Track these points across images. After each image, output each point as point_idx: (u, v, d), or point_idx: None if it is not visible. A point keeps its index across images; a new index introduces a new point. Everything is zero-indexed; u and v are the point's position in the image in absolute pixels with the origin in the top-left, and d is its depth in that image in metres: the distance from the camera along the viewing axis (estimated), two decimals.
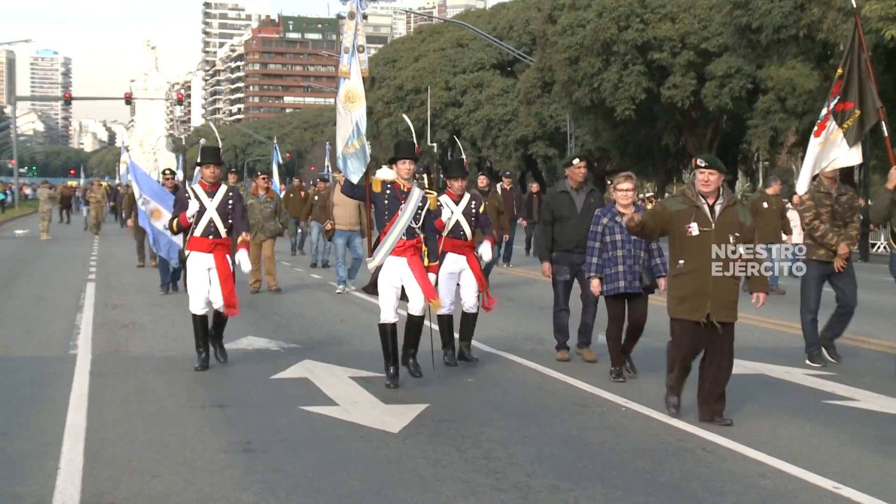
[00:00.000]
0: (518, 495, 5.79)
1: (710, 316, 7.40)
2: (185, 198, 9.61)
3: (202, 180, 9.69)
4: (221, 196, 9.60)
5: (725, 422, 7.44)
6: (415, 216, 8.73)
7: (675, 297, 7.57)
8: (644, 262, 9.11)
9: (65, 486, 5.85)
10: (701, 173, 7.48)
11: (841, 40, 29.14)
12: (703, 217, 7.43)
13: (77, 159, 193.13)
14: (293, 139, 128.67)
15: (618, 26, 41.68)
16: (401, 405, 8.02)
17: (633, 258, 9.08)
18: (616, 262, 9.08)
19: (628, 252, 9.07)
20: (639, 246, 9.08)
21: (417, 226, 8.75)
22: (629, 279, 9.06)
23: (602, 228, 9.17)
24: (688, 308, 7.45)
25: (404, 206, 8.69)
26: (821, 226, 10.10)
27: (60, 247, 28.19)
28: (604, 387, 8.84)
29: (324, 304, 15.31)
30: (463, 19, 69.78)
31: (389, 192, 8.75)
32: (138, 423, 7.45)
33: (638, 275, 9.08)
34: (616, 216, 9.11)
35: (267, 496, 5.71)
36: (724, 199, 7.53)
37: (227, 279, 9.51)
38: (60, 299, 15.36)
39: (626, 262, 9.06)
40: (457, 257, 9.93)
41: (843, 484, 6.04)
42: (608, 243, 9.14)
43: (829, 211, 10.13)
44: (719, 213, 7.48)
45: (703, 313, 7.40)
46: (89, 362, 9.89)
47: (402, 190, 8.75)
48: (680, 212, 7.51)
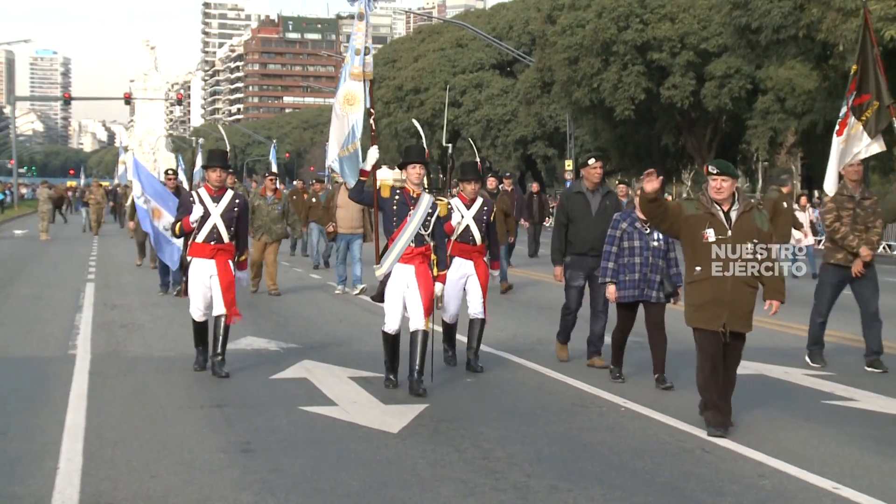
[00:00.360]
0: (517, 495, 5.78)
1: (726, 326, 7.20)
2: (189, 201, 9.28)
3: (207, 184, 9.37)
4: (227, 202, 9.27)
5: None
6: (424, 223, 8.48)
7: (691, 305, 7.35)
8: (663, 270, 8.88)
9: (64, 486, 5.85)
10: (713, 180, 7.23)
11: (840, 40, 29.20)
12: (719, 224, 7.20)
13: (76, 159, 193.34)
14: (292, 139, 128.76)
15: (617, 26, 41.75)
16: (400, 405, 8.02)
17: (649, 266, 8.83)
18: (633, 270, 8.84)
19: (645, 260, 8.83)
20: (657, 254, 8.85)
21: (427, 233, 8.52)
22: (643, 287, 8.83)
23: (620, 233, 8.92)
24: (705, 317, 7.24)
25: (413, 213, 8.45)
26: (841, 228, 9.92)
27: (60, 247, 28.18)
28: (603, 387, 8.84)
29: (323, 304, 15.30)
30: (462, 19, 69.87)
31: (398, 198, 8.49)
32: (137, 423, 7.44)
33: (653, 284, 8.83)
34: (636, 221, 8.88)
35: (266, 496, 5.71)
36: (739, 204, 7.29)
37: (229, 287, 9.25)
38: (59, 299, 15.36)
39: (643, 269, 8.82)
40: (464, 262, 9.67)
41: (842, 484, 6.03)
42: (625, 249, 8.88)
43: (850, 214, 9.94)
44: (735, 219, 7.24)
45: (720, 322, 7.20)
46: (88, 362, 9.88)
47: (412, 195, 8.50)
48: (695, 217, 7.26)
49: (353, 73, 8.97)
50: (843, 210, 9.99)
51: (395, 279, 8.50)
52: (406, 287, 8.49)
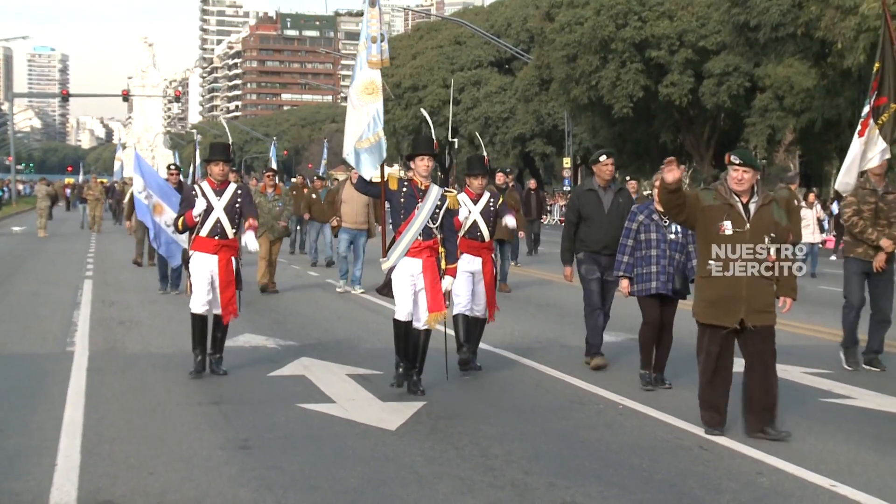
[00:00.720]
0: (515, 492, 5.79)
1: (744, 322, 6.92)
2: (192, 195, 9.15)
3: (210, 178, 9.24)
4: (230, 195, 9.15)
5: (778, 435, 6.96)
6: (432, 215, 8.32)
7: (703, 300, 7.06)
8: (679, 264, 8.62)
9: (62, 483, 5.85)
10: (734, 171, 6.94)
11: (839, 38, 29.21)
12: (737, 216, 6.93)
13: (74, 156, 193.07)
14: (290, 136, 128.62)
15: (616, 24, 41.74)
16: (398, 402, 8.02)
17: (667, 259, 8.57)
18: (649, 262, 8.60)
19: (663, 252, 8.57)
20: (674, 247, 8.60)
21: (435, 226, 8.35)
22: (662, 280, 8.56)
23: (637, 226, 8.67)
24: (718, 313, 6.96)
25: (421, 205, 8.29)
26: (860, 221, 9.74)
27: (57, 244, 28.15)
28: (601, 384, 8.83)
29: (321, 301, 15.30)
30: (461, 17, 69.94)
31: (406, 190, 8.34)
32: (135, 419, 7.44)
33: (672, 277, 8.57)
34: (653, 213, 8.66)
35: (264, 493, 5.71)
36: (758, 197, 7.03)
37: (229, 285, 9.12)
38: (57, 296, 15.34)
39: (661, 262, 8.56)
40: (472, 258, 9.41)
41: (839, 482, 6.04)
42: (642, 241, 8.64)
43: (871, 208, 9.75)
44: (754, 212, 6.97)
45: (736, 318, 6.92)
46: (86, 359, 9.88)
47: (420, 188, 8.35)
48: (713, 207, 6.98)
49: (371, 62, 8.69)
50: (865, 204, 9.78)
51: (401, 271, 8.32)
52: (413, 280, 8.32)
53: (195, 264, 9.16)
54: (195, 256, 9.18)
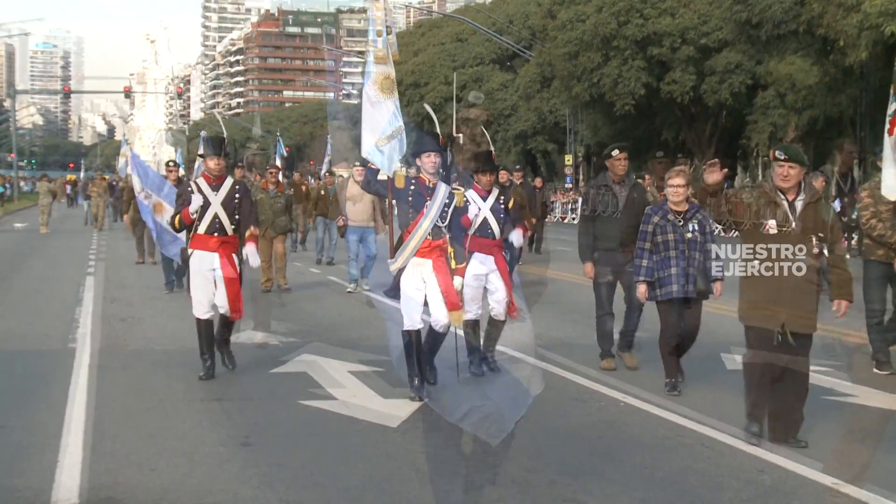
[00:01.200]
0: (516, 489, 5.79)
1: (785, 326, 6.62)
2: (187, 192, 8.93)
3: (206, 173, 9.06)
4: (227, 190, 8.93)
5: (799, 444, 6.72)
6: (441, 214, 8.04)
7: (747, 301, 6.79)
8: (700, 264, 8.26)
9: (64, 480, 5.86)
10: (780, 166, 6.63)
11: (841, 35, 29.14)
12: (783, 215, 6.65)
13: (76, 153, 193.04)
14: (292, 133, 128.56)
15: (617, 21, 41.72)
16: (399, 399, 8.01)
17: (686, 260, 8.25)
18: (668, 265, 8.26)
19: (682, 253, 8.25)
20: (693, 246, 8.27)
21: (444, 225, 8.06)
22: (682, 283, 8.23)
23: (653, 228, 8.34)
24: (761, 315, 6.68)
25: (430, 204, 7.98)
26: (878, 224, 9.43)
27: (60, 240, 28.16)
28: (602, 382, 8.83)
29: (323, 298, 15.29)
30: (462, 14, 69.85)
31: (414, 188, 8.03)
32: (137, 416, 7.45)
33: (692, 278, 8.23)
34: (668, 214, 8.34)
35: (265, 490, 5.71)
36: (805, 194, 6.71)
37: (233, 282, 8.90)
38: (60, 293, 15.35)
39: (680, 263, 8.23)
40: (484, 258, 9.02)
41: (841, 480, 6.02)
42: (659, 244, 8.31)
43: (891, 209, 9.40)
44: (801, 210, 6.67)
45: (778, 322, 6.62)
46: (88, 356, 9.88)
47: (428, 185, 8.05)
48: (757, 206, 6.70)
49: (378, 57, 8.54)
50: (883, 205, 9.43)
51: (410, 274, 8.01)
52: (424, 283, 8.00)
53: (195, 264, 8.97)
54: (195, 255, 8.97)
